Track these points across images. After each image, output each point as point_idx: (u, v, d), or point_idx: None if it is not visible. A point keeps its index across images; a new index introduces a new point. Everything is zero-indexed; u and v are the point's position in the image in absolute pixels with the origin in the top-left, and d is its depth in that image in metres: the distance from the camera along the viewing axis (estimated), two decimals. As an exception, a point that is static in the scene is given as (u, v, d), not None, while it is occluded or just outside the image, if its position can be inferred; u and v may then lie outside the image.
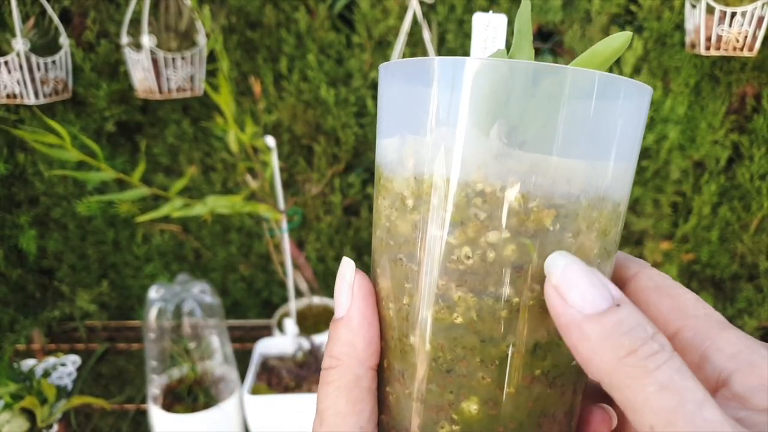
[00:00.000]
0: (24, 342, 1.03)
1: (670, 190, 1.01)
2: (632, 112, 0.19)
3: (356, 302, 0.21)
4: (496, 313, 0.19)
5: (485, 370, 0.19)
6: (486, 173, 0.18)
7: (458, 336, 0.19)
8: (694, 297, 0.21)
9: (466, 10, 0.96)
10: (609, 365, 0.17)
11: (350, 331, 0.20)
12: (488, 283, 0.18)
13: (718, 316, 0.20)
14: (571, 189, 0.18)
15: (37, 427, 0.74)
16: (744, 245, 1.02)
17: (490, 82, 0.18)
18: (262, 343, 0.87)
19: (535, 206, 0.18)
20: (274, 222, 0.83)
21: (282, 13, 0.96)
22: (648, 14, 0.94)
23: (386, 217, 0.21)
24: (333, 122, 1.00)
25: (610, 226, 0.20)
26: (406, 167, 0.20)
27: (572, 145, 0.18)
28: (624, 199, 0.20)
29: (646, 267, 0.22)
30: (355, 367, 0.20)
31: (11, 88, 0.83)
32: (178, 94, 0.87)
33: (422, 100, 0.19)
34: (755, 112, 0.97)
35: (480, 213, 0.18)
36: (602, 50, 0.20)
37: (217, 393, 0.82)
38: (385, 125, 0.21)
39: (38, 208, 1.04)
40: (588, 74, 0.18)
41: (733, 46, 0.81)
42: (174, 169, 1.05)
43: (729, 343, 0.19)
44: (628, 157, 0.20)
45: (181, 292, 0.83)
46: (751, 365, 0.18)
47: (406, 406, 0.20)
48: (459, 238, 0.18)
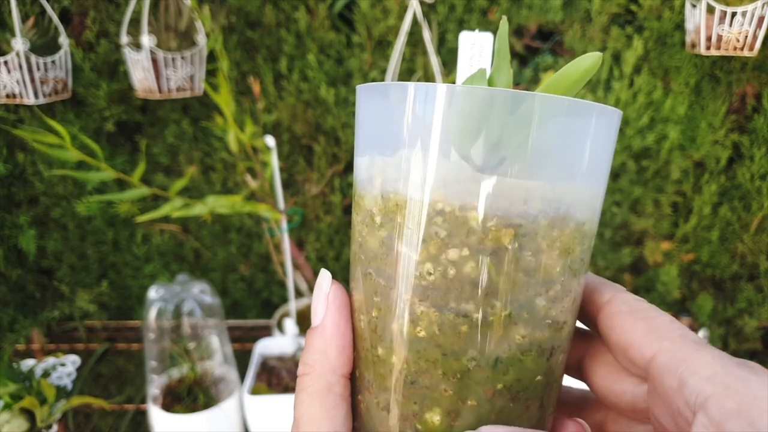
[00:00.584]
0: (23, 342, 1.03)
1: (670, 190, 1.01)
2: (600, 135, 0.20)
3: (330, 312, 0.21)
4: (457, 328, 0.19)
5: (447, 382, 0.20)
6: (446, 193, 0.19)
7: (421, 349, 0.20)
8: (668, 319, 0.21)
9: (466, 10, 0.96)
10: None
11: (323, 339, 0.21)
12: (449, 298, 0.19)
13: (693, 336, 0.20)
14: (528, 209, 0.19)
15: (36, 428, 0.74)
16: (744, 245, 1.02)
17: (457, 108, 0.18)
18: (262, 343, 0.87)
19: (493, 225, 0.19)
20: (274, 222, 0.83)
21: (282, 12, 0.96)
22: (648, 14, 0.94)
23: (358, 233, 0.22)
24: (333, 122, 1.00)
25: (573, 245, 0.20)
26: (374, 186, 0.20)
27: (537, 168, 0.18)
28: (591, 218, 0.20)
29: (621, 291, 0.22)
30: (327, 375, 0.21)
31: (11, 88, 0.83)
32: (177, 93, 0.87)
33: (390, 122, 0.20)
34: (755, 112, 0.97)
35: (441, 231, 0.19)
36: (572, 71, 0.21)
37: (217, 393, 0.82)
38: (359, 144, 0.22)
39: (38, 208, 1.04)
40: (555, 100, 0.18)
41: (734, 45, 0.81)
42: (174, 169, 1.05)
43: (704, 365, 0.18)
44: (595, 177, 0.20)
45: (181, 292, 0.83)
46: (726, 388, 0.17)
47: (375, 415, 0.21)
48: (422, 255, 0.19)
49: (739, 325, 1.04)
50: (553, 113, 0.18)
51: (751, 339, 1.05)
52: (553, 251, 0.19)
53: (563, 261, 0.20)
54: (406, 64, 0.96)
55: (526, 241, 0.19)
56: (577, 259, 0.20)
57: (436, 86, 0.18)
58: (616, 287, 0.22)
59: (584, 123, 0.19)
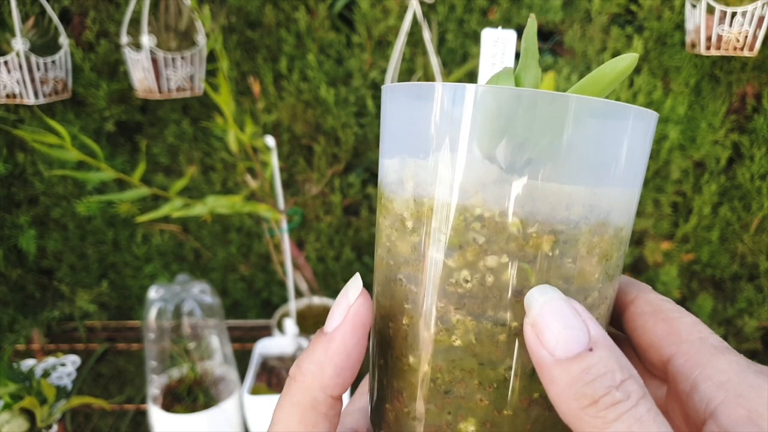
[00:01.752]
0: (23, 342, 1.03)
1: (670, 190, 1.01)
2: (637, 139, 0.19)
3: (343, 327, 0.20)
4: (495, 337, 0.19)
5: (483, 392, 0.19)
6: (485, 198, 0.18)
7: (456, 358, 0.19)
8: (692, 321, 0.20)
9: (466, 10, 0.96)
10: (572, 414, 0.16)
11: (325, 353, 0.19)
12: (487, 306, 0.19)
13: (714, 340, 0.19)
14: (570, 215, 0.18)
15: (36, 428, 0.74)
16: (744, 245, 1.02)
17: (490, 109, 0.18)
18: (262, 343, 0.87)
19: (534, 232, 0.18)
20: (274, 222, 0.83)
21: (282, 12, 0.96)
22: (648, 14, 0.94)
23: (386, 237, 0.21)
24: (333, 122, 1.00)
25: (611, 251, 0.19)
26: (405, 189, 0.20)
27: (574, 171, 0.18)
28: (627, 223, 0.20)
29: (646, 291, 0.22)
30: (315, 390, 0.19)
31: (11, 88, 0.83)
32: (177, 93, 0.87)
33: (423, 124, 0.19)
34: (755, 112, 0.97)
35: (479, 237, 0.18)
36: (608, 72, 0.20)
37: (217, 393, 0.82)
38: (386, 146, 0.21)
39: (38, 208, 1.04)
40: (591, 102, 0.18)
41: (734, 45, 0.81)
42: (174, 169, 1.05)
43: (718, 371, 0.18)
44: (632, 182, 0.20)
45: (181, 292, 0.83)
46: (737, 396, 0.17)
47: (405, 425, 0.21)
48: (458, 262, 0.19)
49: (739, 325, 1.04)
50: (589, 115, 0.18)
51: (751, 339, 1.05)
52: (593, 258, 0.19)
53: (601, 268, 0.19)
54: (406, 64, 0.96)
55: (567, 247, 0.18)
56: (613, 265, 0.20)
57: (466, 86, 0.18)
58: (642, 287, 0.22)
59: (621, 125, 0.18)
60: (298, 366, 0.20)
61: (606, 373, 0.16)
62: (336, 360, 0.19)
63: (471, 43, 0.97)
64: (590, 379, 0.16)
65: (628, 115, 0.18)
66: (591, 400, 0.16)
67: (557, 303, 0.17)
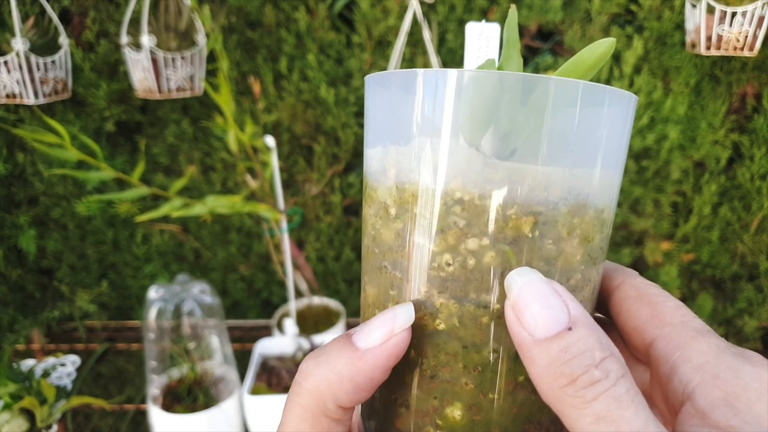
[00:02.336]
0: (23, 342, 1.03)
1: (670, 190, 1.01)
2: (617, 120, 0.19)
3: (379, 352, 0.18)
4: (478, 320, 0.19)
5: (468, 376, 0.19)
6: (464, 182, 0.18)
7: (441, 342, 0.19)
8: (675, 304, 0.20)
9: (466, 10, 0.96)
10: (552, 393, 0.16)
11: (350, 367, 0.18)
12: (469, 289, 0.19)
13: (696, 323, 0.19)
14: (549, 196, 0.18)
15: (36, 428, 0.74)
16: (744, 245, 1.02)
17: (472, 93, 0.18)
18: (262, 343, 0.87)
19: (513, 213, 0.18)
20: (273, 222, 0.83)
21: (282, 12, 0.96)
22: (648, 14, 0.94)
23: (371, 226, 0.21)
24: (333, 122, 1.00)
25: (593, 233, 0.20)
26: (388, 176, 0.20)
27: (552, 153, 0.18)
28: (609, 205, 0.20)
29: (632, 276, 0.22)
30: (327, 400, 0.18)
31: (11, 88, 0.83)
32: (177, 93, 0.87)
33: (403, 110, 0.19)
34: (755, 112, 0.97)
35: (459, 221, 0.18)
36: (587, 57, 0.20)
37: (217, 393, 0.82)
38: (370, 135, 0.21)
39: (38, 207, 1.04)
40: (569, 84, 0.18)
41: (734, 45, 0.81)
42: (174, 168, 1.05)
43: (698, 353, 0.18)
44: (613, 164, 0.20)
45: (181, 292, 0.83)
46: (714, 377, 0.17)
47: (393, 412, 0.21)
48: (440, 246, 0.19)
49: (739, 325, 1.04)
50: (567, 97, 0.18)
51: (751, 339, 1.05)
52: (573, 239, 0.19)
53: (583, 249, 0.19)
54: (406, 64, 0.96)
55: (547, 229, 0.18)
56: (596, 248, 0.20)
57: (448, 72, 0.18)
58: (627, 272, 0.22)
59: (599, 107, 0.19)
60: (312, 369, 0.19)
61: (585, 351, 0.16)
62: (359, 379, 0.18)
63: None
64: (568, 358, 0.16)
65: (606, 97, 0.19)
66: (569, 380, 0.16)
67: (536, 284, 0.17)
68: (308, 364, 0.19)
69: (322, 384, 0.18)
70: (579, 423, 0.16)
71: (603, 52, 0.20)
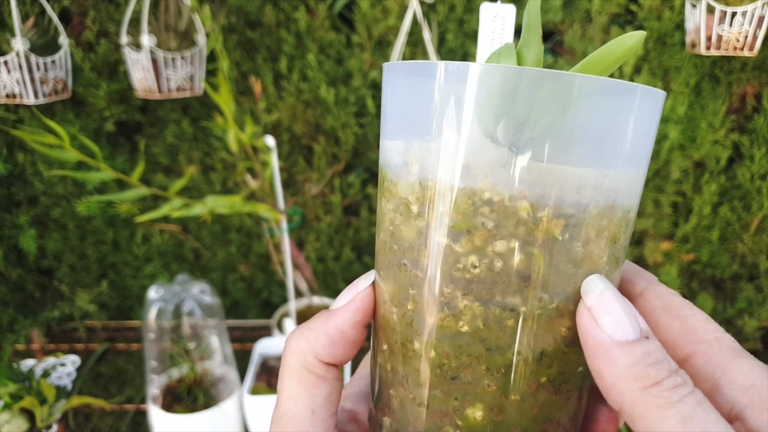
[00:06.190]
0: (23, 342, 1.03)
1: (670, 190, 1.01)
2: (644, 118, 0.19)
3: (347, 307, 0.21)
4: (503, 322, 0.19)
5: (491, 377, 0.19)
6: (494, 182, 0.18)
7: (464, 344, 0.19)
8: (704, 318, 0.20)
9: (466, 10, 0.96)
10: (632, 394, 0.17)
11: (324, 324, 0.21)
12: (495, 292, 0.18)
13: (730, 341, 0.20)
14: (580, 198, 0.18)
15: (36, 428, 0.74)
16: (744, 245, 1.02)
17: (496, 88, 0.17)
18: (262, 343, 0.87)
19: (544, 216, 0.18)
20: (274, 222, 0.83)
21: (282, 12, 0.96)
22: (648, 14, 0.94)
23: (390, 221, 0.20)
24: (333, 122, 1.00)
25: (619, 234, 0.19)
26: (410, 172, 0.19)
27: (582, 153, 0.18)
28: (634, 205, 0.20)
29: (654, 283, 0.22)
30: (307, 354, 0.20)
31: (11, 88, 0.83)
32: (177, 93, 0.87)
33: (428, 104, 0.18)
34: (755, 112, 0.97)
35: (487, 222, 0.18)
36: (614, 49, 0.20)
37: (217, 393, 0.82)
38: (389, 127, 0.21)
39: (38, 207, 1.04)
40: (597, 81, 0.17)
41: (734, 45, 0.81)
42: (173, 168, 1.05)
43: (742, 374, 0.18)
44: (638, 163, 0.19)
45: (181, 292, 0.83)
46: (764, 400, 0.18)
47: (410, 411, 0.20)
48: (465, 247, 0.18)
49: (739, 325, 1.04)
50: (595, 94, 0.17)
51: (751, 339, 1.05)
52: (601, 241, 0.19)
53: (609, 250, 0.19)
54: (406, 64, 0.96)
55: (577, 231, 0.18)
56: (621, 248, 0.20)
57: (485, 66, 0.17)
58: (649, 278, 0.22)
59: (629, 104, 0.18)
60: (294, 333, 0.21)
61: (664, 359, 0.17)
62: (331, 332, 0.20)
63: (471, 43, 0.97)
64: (653, 362, 0.17)
65: (635, 94, 0.18)
66: (654, 381, 0.16)
67: (615, 292, 0.18)
68: (292, 332, 0.21)
69: (301, 340, 0.21)
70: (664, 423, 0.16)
71: (632, 46, 0.20)
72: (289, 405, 0.20)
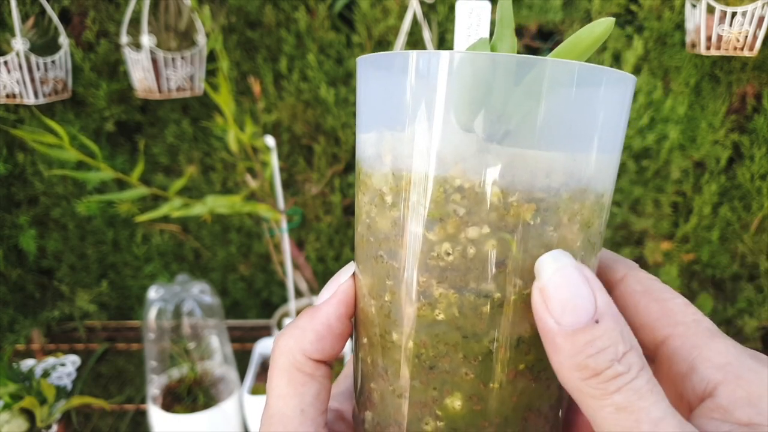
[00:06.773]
0: (23, 342, 1.03)
1: (670, 190, 1.01)
2: (615, 102, 0.19)
3: (330, 301, 0.21)
4: (478, 309, 0.19)
5: (468, 366, 0.19)
6: (464, 168, 0.18)
7: (440, 332, 0.19)
8: (683, 302, 0.20)
9: (466, 10, 0.96)
10: (573, 383, 0.17)
11: (309, 321, 0.21)
12: (469, 279, 0.18)
13: (707, 323, 0.20)
14: (551, 182, 0.18)
15: (36, 428, 0.74)
16: (744, 245, 1.02)
17: (467, 76, 0.17)
18: (262, 343, 0.87)
19: (515, 201, 0.18)
20: (274, 222, 0.83)
21: (282, 12, 0.96)
22: (648, 14, 0.94)
23: (366, 213, 0.20)
24: (333, 122, 1.00)
25: (593, 218, 0.19)
26: (384, 163, 0.19)
27: (553, 138, 0.18)
28: (607, 190, 0.20)
29: (634, 269, 0.22)
30: (296, 353, 0.20)
31: (11, 88, 0.83)
32: (177, 93, 0.87)
33: (399, 94, 0.18)
34: (755, 112, 0.97)
35: (459, 209, 0.18)
36: (584, 37, 0.20)
37: (217, 393, 0.82)
38: (363, 120, 0.21)
39: (38, 207, 1.04)
40: (567, 65, 0.17)
41: (734, 45, 0.81)
42: (173, 168, 1.05)
43: (717, 353, 0.19)
44: (611, 148, 0.19)
45: (181, 292, 0.83)
46: (737, 378, 0.18)
47: (391, 403, 0.20)
48: (438, 235, 0.18)
49: (739, 325, 1.04)
50: (564, 78, 0.17)
51: (751, 339, 1.05)
52: (574, 225, 0.19)
53: (583, 235, 0.19)
54: (406, 64, 0.96)
55: (548, 215, 0.18)
56: (595, 233, 0.20)
57: (454, 54, 0.17)
58: (629, 264, 0.22)
59: (598, 89, 0.18)
60: (281, 333, 0.21)
61: (609, 346, 0.17)
62: (318, 327, 0.21)
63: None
64: (594, 352, 0.16)
65: (604, 79, 0.18)
66: (593, 373, 0.16)
67: (568, 270, 0.17)
68: (280, 333, 0.21)
69: (289, 340, 0.21)
70: (599, 413, 0.16)
71: (601, 33, 0.20)
72: (279, 404, 0.20)
